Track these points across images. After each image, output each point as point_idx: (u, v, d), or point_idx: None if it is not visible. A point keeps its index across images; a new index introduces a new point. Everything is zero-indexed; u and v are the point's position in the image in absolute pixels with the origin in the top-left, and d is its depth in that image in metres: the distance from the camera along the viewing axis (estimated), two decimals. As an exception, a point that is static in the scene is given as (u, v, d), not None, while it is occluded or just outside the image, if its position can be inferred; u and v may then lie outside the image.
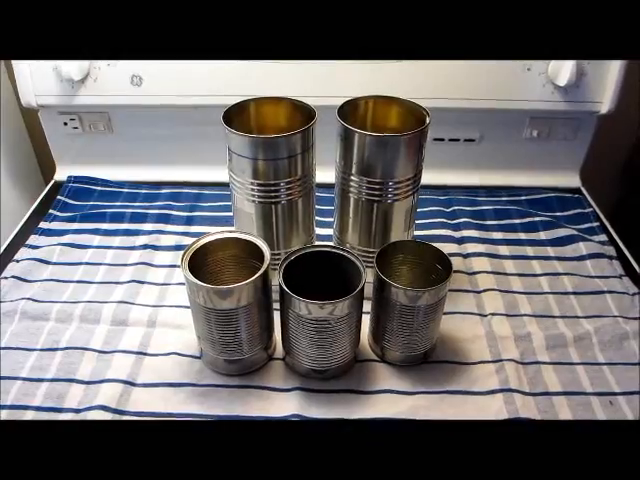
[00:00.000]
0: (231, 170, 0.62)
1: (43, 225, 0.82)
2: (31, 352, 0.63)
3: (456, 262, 0.77)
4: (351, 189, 0.63)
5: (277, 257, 0.65)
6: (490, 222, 0.84)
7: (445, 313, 0.68)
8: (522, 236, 0.81)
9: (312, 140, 0.61)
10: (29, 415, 0.56)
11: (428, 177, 0.91)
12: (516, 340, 0.65)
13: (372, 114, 0.66)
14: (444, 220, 0.84)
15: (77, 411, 0.57)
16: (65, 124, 0.88)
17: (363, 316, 0.62)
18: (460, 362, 0.63)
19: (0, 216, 0.85)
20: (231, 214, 0.68)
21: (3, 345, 0.63)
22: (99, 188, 0.90)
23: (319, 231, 0.80)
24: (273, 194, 0.62)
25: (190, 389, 0.60)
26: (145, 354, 0.63)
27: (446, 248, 0.78)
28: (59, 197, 0.87)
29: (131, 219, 0.84)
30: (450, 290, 0.72)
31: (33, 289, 0.71)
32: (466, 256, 0.78)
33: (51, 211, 0.85)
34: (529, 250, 0.79)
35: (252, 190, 0.62)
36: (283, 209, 0.63)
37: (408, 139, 0.58)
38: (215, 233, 0.60)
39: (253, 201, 0.62)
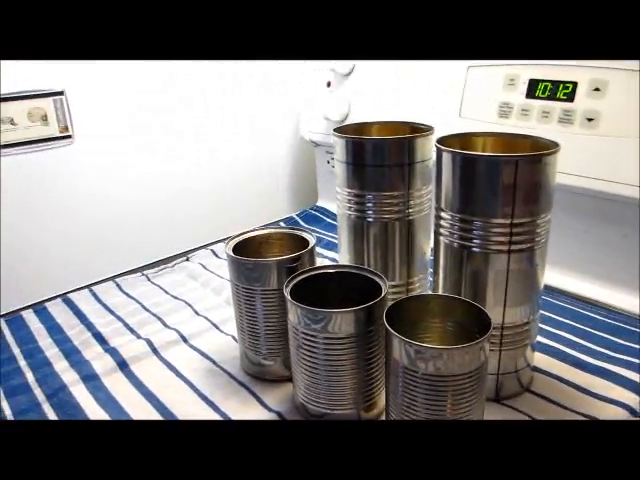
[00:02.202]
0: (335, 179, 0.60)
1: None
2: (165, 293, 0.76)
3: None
4: (441, 230, 0.50)
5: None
6: None
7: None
8: None
9: (414, 156, 0.53)
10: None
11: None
12: None
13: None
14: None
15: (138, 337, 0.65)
16: (328, 162, 1.01)
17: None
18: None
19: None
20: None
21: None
22: (328, 220, 0.99)
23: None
24: (360, 206, 0.56)
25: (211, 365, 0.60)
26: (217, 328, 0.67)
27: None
28: (293, 215, 1.01)
29: (325, 244, 0.89)
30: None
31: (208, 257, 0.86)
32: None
33: (281, 223, 0.98)
34: None
35: (342, 200, 0.58)
36: (374, 229, 0.56)
37: (501, 163, 0.44)
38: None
39: (348, 215, 0.58)
